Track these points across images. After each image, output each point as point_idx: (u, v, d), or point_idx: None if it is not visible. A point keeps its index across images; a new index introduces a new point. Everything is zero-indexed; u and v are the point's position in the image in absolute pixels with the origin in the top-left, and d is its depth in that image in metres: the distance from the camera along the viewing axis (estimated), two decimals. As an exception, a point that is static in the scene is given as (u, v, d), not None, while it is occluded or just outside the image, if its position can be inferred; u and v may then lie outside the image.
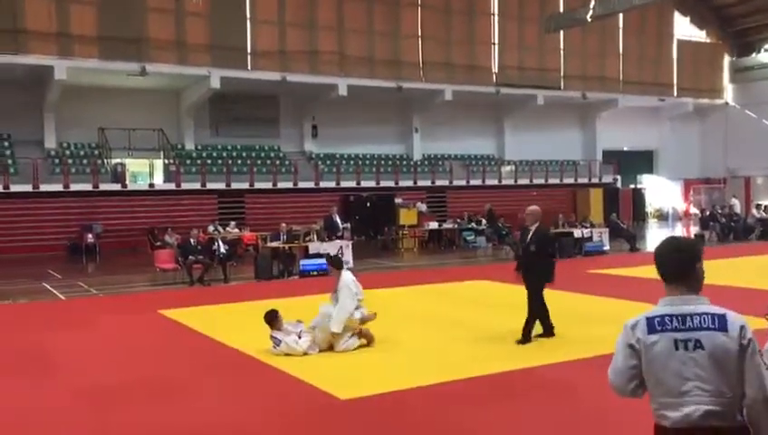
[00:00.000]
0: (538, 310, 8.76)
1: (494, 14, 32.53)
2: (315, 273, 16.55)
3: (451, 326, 9.95)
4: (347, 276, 8.73)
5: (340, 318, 8.34)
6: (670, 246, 2.92)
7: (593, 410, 6.19)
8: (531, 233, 8.90)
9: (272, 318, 8.48)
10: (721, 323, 2.73)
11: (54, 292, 14.73)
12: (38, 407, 6.59)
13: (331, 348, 8.44)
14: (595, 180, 35.07)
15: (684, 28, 38.63)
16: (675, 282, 2.84)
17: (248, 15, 27.15)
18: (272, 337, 8.38)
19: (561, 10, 32.96)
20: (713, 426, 2.71)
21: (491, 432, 5.74)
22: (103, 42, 24.28)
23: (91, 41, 24.19)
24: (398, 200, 28.22)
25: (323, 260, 16.99)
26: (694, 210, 36.34)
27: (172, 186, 25.66)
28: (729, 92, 40.09)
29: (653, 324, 2.80)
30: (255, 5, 27.22)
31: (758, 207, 28.88)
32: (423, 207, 28.52)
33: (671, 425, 2.77)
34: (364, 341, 8.65)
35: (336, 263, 9.04)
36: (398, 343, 8.88)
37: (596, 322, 10.13)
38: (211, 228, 21.90)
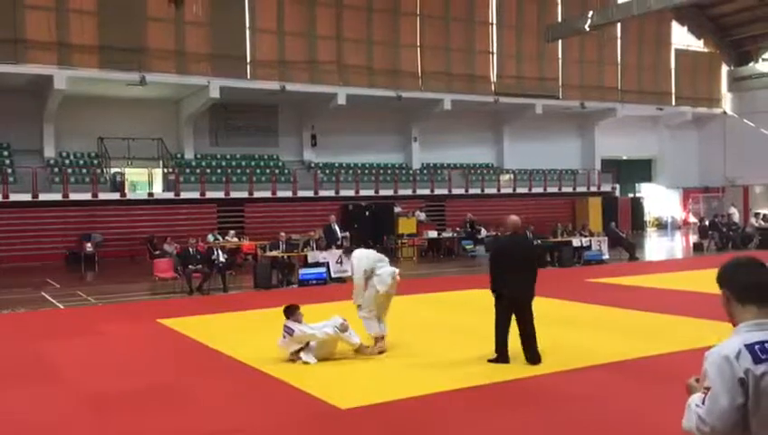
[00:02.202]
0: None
1: (492, 24, 32.66)
2: (314, 282, 16.56)
3: (451, 335, 9.95)
4: (357, 254, 9.04)
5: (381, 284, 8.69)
6: (757, 265, 2.56)
7: (592, 420, 6.18)
8: None
9: (293, 310, 8.40)
10: None
11: (53, 301, 14.70)
12: (39, 417, 6.57)
13: (327, 359, 8.43)
14: (594, 189, 35.11)
15: (682, 37, 38.79)
16: (762, 303, 2.50)
17: (248, 25, 27.24)
18: (285, 326, 8.29)
19: (560, 19, 33.11)
20: None
21: (491, 442, 5.73)
22: (103, 51, 24.34)
23: (91, 50, 24.25)
24: (397, 209, 28.24)
25: (323, 269, 17.06)
26: (693, 219, 36.39)
27: (171, 195, 25.66)
28: (727, 101, 40.21)
29: (756, 353, 2.41)
30: (255, 15, 27.32)
31: (756, 215, 28.94)
32: (422, 215, 28.53)
33: None
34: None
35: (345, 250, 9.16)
36: (399, 351, 8.86)
37: (595, 331, 10.14)
38: (210, 237, 21.89)
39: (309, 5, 28.17)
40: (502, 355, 8.11)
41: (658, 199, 39.06)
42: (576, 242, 21.21)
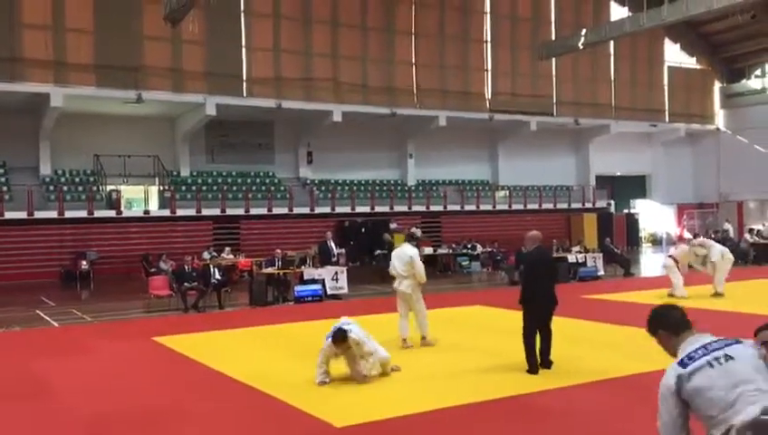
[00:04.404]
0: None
1: (486, 42, 32.91)
2: (310, 299, 16.55)
3: (447, 352, 9.94)
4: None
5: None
6: (668, 308, 3.53)
7: (590, 436, 6.18)
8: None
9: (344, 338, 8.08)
10: (736, 340, 3.28)
11: (48, 319, 14.66)
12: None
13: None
14: (589, 205, 35.20)
15: (674, 55, 39.13)
16: (685, 330, 3.40)
17: (243, 43, 27.41)
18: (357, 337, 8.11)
19: (553, 37, 33.38)
20: None
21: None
22: (99, 69, 24.44)
23: (88, 68, 24.36)
24: (392, 225, 28.27)
25: (318, 286, 17.06)
26: (687, 235, 36.44)
27: (167, 212, 25.66)
28: (720, 118, 40.49)
29: (683, 361, 3.23)
30: (251, 33, 27.50)
31: (750, 231, 28.99)
32: (418, 232, 28.53)
33: (740, 426, 3.01)
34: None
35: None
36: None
37: (592, 347, 10.14)
38: (206, 255, 21.88)
39: (304, 23, 28.38)
40: (530, 365, 8.32)
41: (653, 215, 39.16)
42: (571, 258, 21.23)
